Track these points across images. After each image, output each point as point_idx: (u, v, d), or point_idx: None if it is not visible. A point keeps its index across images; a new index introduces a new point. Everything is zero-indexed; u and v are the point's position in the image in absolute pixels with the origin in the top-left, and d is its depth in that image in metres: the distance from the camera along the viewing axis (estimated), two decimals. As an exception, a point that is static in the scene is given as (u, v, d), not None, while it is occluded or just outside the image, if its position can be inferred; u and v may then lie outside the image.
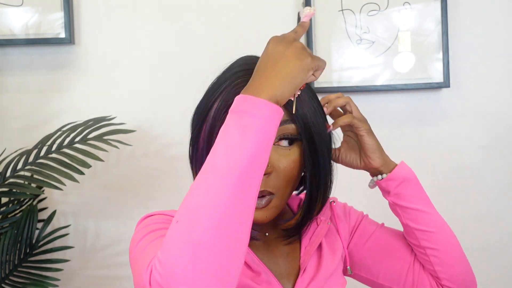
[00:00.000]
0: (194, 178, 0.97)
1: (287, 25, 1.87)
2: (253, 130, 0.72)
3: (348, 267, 1.10)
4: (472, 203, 1.95)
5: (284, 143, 0.90)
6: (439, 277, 1.06)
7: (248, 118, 0.73)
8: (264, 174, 0.86)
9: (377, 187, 1.07)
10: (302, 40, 1.87)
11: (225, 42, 1.85)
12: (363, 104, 1.91)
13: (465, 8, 1.91)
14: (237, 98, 0.76)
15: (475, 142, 1.93)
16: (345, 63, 1.86)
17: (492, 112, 1.94)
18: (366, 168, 1.05)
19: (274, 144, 0.89)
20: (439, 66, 1.86)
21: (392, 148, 1.91)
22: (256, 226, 0.99)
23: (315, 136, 0.91)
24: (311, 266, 1.01)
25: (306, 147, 0.90)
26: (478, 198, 1.95)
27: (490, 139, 1.94)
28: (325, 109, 0.99)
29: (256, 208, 0.90)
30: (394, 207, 1.06)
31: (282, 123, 0.88)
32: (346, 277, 1.10)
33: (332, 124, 1.00)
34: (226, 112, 0.87)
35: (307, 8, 0.91)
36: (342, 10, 1.85)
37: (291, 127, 0.90)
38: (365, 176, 1.10)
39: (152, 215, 0.94)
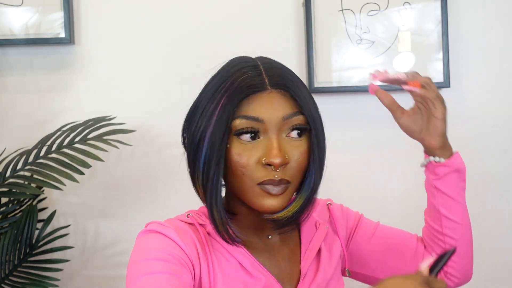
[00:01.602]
0: (196, 190, 0.96)
1: (287, 24, 1.87)
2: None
3: (347, 269, 1.11)
4: (471, 203, 1.94)
5: (294, 134, 0.93)
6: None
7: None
8: (282, 165, 0.90)
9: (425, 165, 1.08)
10: (302, 40, 1.87)
11: (226, 42, 1.85)
12: (363, 104, 1.92)
13: (465, 8, 1.91)
14: None
15: (475, 142, 1.93)
16: (345, 63, 1.86)
17: (492, 112, 1.94)
18: (423, 142, 1.06)
19: (286, 136, 0.92)
20: (439, 66, 1.86)
21: (392, 148, 1.92)
22: (259, 228, 0.99)
23: (319, 128, 0.95)
24: (311, 270, 1.01)
25: (314, 137, 0.94)
26: (478, 197, 1.95)
27: (490, 139, 1.94)
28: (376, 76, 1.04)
29: (273, 195, 0.91)
30: (432, 189, 1.08)
31: (292, 115, 0.92)
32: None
33: (411, 82, 1.01)
34: (236, 107, 0.90)
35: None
36: (342, 10, 1.85)
37: (300, 118, 0.93)
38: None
39: (152, 233, 0.93)
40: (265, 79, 0.92)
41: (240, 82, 0.91)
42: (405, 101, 1.10)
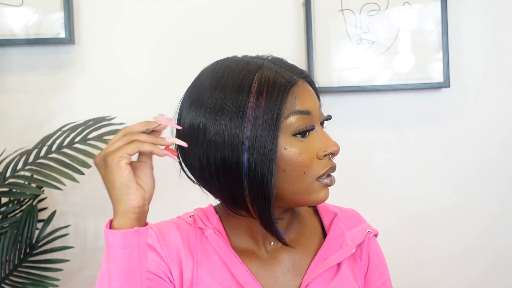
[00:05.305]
0: (213, 189, 0.94)
1: (287, 24, 1.87)
2: (115, 258, 0.84)
3: None
4: (472, 203, 1.95)
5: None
6: None
7: (110, 249, 0.85)
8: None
9: None
10: (302, 40, 1.87)
11: (226, 41, 1.85)
12: (363, 104, 1.93)
13: (465, 8, 1.91)
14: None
15: (475, 142, 1.93)
16: (345, 63, 1.86)
17: (492, 112, 1.94)
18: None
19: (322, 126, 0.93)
20: (439, 66, 1.86)
21: (392, 148, 1.92)
22: (263, 234, 0.94)
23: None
24: (317, 283, 0.94)
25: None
26: (478, 198, 1.95)
27: (490, 139, 1.94)
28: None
29: (327, 186, 0.91)
30: None
31: (320, 103, 0.93)
32: None
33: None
34: (282, 106, 0.86)
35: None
36: (342, 10, 1.85)
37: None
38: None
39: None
40: (288, 72, 0.90)
41: (273, 81, 0.87)
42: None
